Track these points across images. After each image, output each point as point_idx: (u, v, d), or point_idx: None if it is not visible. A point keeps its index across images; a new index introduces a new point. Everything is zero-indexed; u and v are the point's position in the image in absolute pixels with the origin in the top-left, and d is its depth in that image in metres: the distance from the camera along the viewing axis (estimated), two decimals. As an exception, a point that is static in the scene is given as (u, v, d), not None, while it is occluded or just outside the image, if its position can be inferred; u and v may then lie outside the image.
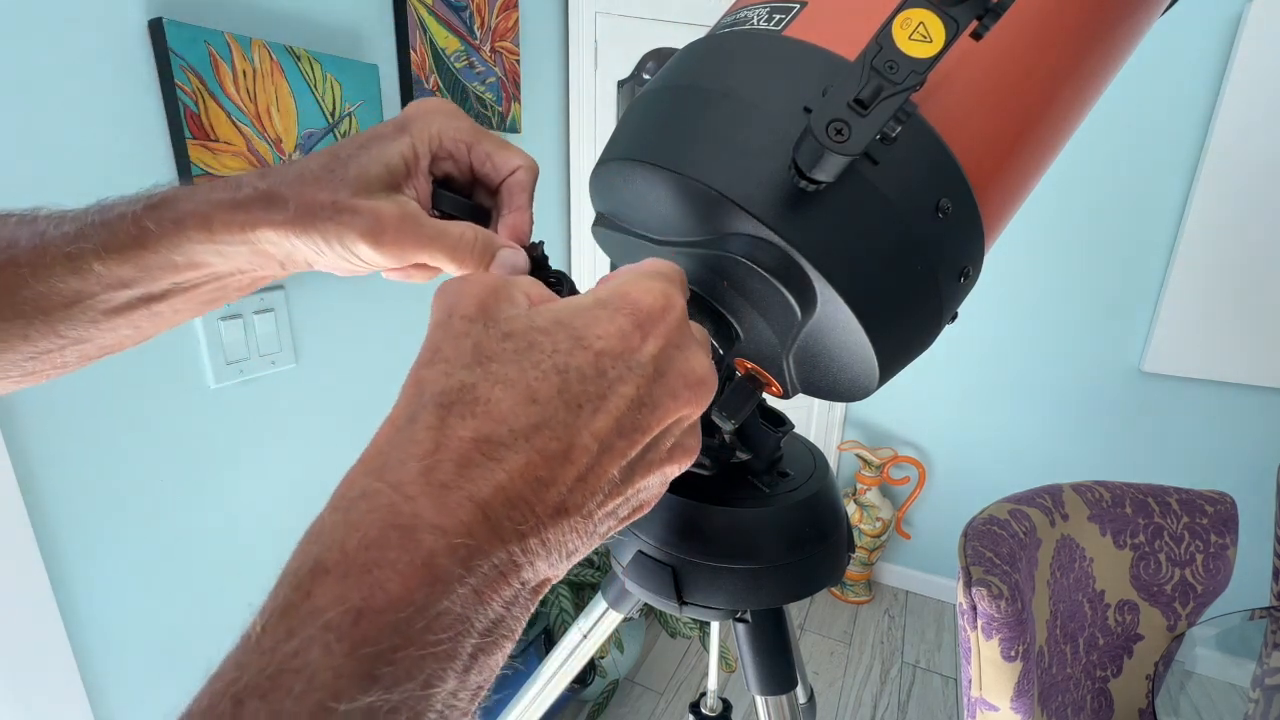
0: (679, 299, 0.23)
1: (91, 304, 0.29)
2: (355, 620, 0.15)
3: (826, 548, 0.40)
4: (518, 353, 0.19)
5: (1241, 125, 1.50)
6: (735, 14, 0.33)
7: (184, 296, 0.30)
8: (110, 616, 0.83)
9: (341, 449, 1.11)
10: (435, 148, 0.30)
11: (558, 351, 0.20)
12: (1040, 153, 0.33)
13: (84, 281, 0.28)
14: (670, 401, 0.21)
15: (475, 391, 0.19)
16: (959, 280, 0.30)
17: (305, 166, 0.29)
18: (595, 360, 0.20)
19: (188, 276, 0.29)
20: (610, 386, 0.20)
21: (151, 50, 0.76)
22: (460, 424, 0.18)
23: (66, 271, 0.28)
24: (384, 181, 0.29)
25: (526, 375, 0.19)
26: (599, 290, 0.22)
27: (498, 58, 1.28)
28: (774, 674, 0.43)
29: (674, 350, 0.22)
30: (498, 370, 0.19)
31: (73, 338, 0.30)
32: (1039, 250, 1.80)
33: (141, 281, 0.29)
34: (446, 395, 0.19)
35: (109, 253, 0.28)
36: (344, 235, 0.28)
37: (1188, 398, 1.74)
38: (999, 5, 0.22)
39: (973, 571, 0.88)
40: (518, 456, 0.18)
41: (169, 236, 0.28)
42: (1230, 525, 1.14)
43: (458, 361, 0.19)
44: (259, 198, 0.28)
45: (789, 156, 0.25)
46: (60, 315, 0.29)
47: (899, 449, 2.12)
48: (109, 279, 0.28)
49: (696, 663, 1.89)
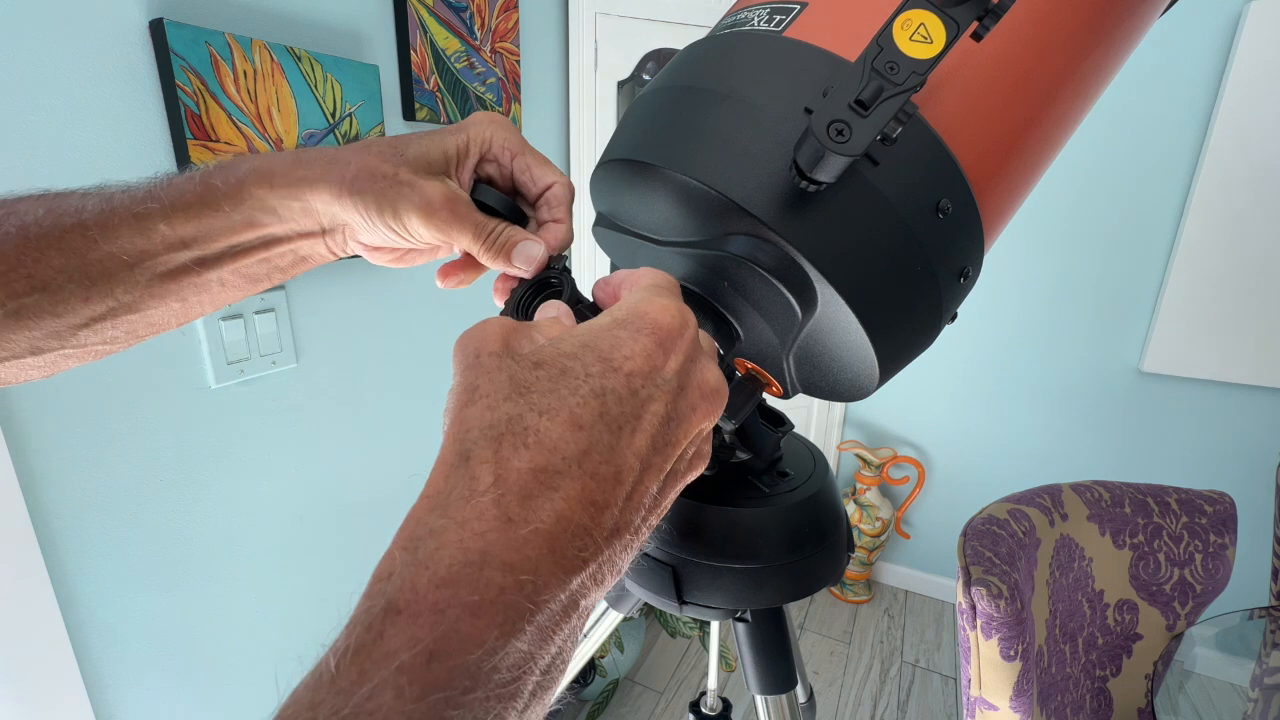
0: (691, 315, 0.24)
1: (151, 265, 0.31)
2: (428, 661, 0.15)
3: (826, 547, 0.40)
4: (552, 379, 0.20)
5: (1241, 125, 1.50)
6: (736, 15, 0.33)
7: (233, 266, 0.32)
8: (111, 616, 0.83)
9: (342, 449, 1.11)
10: (485, 149, 0.33)
11: (591, 375, 0.20)
12: (1040, 153, 0.33)
13: (148, 240, 0.30)
14: (692, 414, 0.22)
15: (523, 422, 0.19)
16: (959, 280, 0.31)
17: (369, 142, 0.31)
18: (627, 381, 0.20)
19: (243, 238, 0.31)
20: (643, 405, 0.20)
21: (152, 51, 0.76)
22: (514, 455, 0.18)
23: (133, 231, 0.30)
24: (438, 166, 0.31)
25: (568, 402, 0.19)
26: (615, 311, 0.23)
27: (498, 58, 1.28)
28: (774, 673, 0.43)
29: (691, 365, 0.23)
30: (538, 400, 0.19)
31: (126, 302, 0.31)
32: (1039, 250, 1.80)
33: (200, 242, 0.31)
34: (495, 428, 0.19)
35: (174, 211, 0.30)
36: (399, 204, 0.30)
37: (1187, 398, 1.74)
38: (999, 6, 0.22)
39: (972, 571, 0.88)
40: (574, 483, 0.18)
41: (232, 194, 0.30)
42: (1229, 525, 1.14)
43: (498, 395, 0.19)
44: (322, 158, 0.30)
45: (790, 157, 0.25)
46: (121, 277, 0.30)
47: (898, 449, 2.12)
48: (171, 238, 0.30)
49: (696, 662, 1.89)
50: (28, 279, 0.29)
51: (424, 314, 1.23)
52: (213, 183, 0.30)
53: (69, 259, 0.30)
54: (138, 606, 0.85)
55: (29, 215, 0.30)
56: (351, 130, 0.99)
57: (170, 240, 0.30)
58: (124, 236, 0.30)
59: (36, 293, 0.29)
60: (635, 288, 0.25)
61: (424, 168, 0.31)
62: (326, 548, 1.13)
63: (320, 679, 0.15)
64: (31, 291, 0.29)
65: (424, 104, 1.12)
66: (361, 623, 0.16)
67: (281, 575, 1.05)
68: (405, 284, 1.17)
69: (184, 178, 0.31)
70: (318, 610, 1.13)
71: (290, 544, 1.05)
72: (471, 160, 0.33)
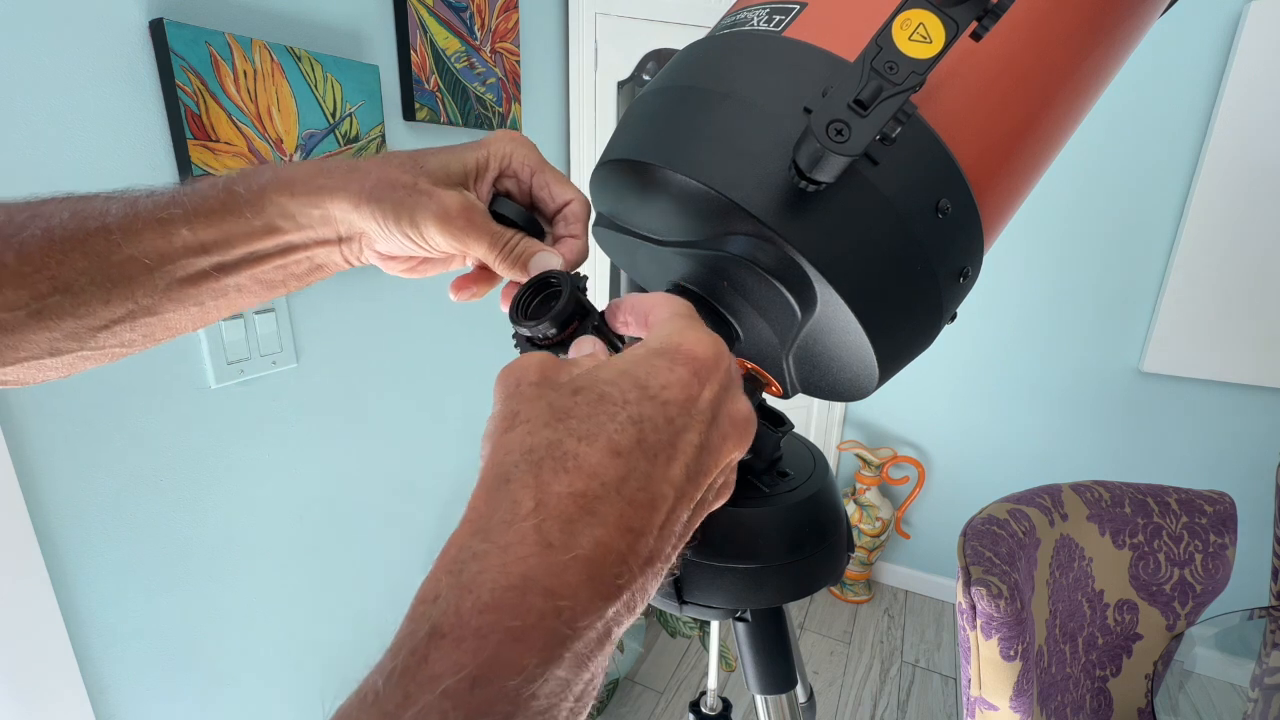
0: (725, 346, 0.24)
1: (171, 269, 0.31)
2: (471, 687, 0.15)
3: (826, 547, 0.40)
4: (591, 405, 0.20)
5: (1241, 125, 1.50)
6: (735, 15, 0.33)
7: (251, 271, 0.33)
8: (111, 616, 0.83)
9: (342, 449, 1.11)
10: (505, 165, 0.34)
11: (628, 402, 0.20)
12: (1040, 153, 0.33)
13: (170, 244, 0.31)
14: (724, 444, 0.23)
15: (563, 447, 0.19)
16: (958, 280, 0.31)
17: (389, 155, 0.32)
18: (663, 409, 0.21)
19: (262, 245, 0.32)
20: (678, 434, 0.21)
21: (152, 51, 0.76)
22: (555, 480, 0.18)
23: (155, 235, 0.31)
24: (457, 178, 0.32)
25: (606, 428, 0.19)
26: (651, 341, 0.23)
27: (498, 58, 1.28)
28: (774, 673, 0.43)
29: (725, 395, 0.23)
30: (576, 426, 0.20)
31: (145, 305, 0.32)
32: (1038, 250, 1.80)
33: (220, 247, 0.32)
34: (535, 453, 0.19)
35: (196, 216, 0.31)
36: (417, 212, 0.31)
37: (1187, 398, 1.74)
38: (998, 6, 0.22)
39: (972, 571, 0.88)
40: (612, 509, 0.18)
41: (254, 200, 0.31)
42: (1229, 525, 1.14)
43: (538, 421, 0.20)
44: (343, 168, 0.31)
45: (789, 157, 0.25)
46: (142, 280, 0.31)
47: (898, 449, 2.12)
48: (192, 243, 0.31)
49: (696, 662, 1.89)
50: (51, 280, 0.30)
51: (424, 315, 1.23)
52: (235, 189, 0.31)
53: (92, 261, 0.30)
54: (138, 607, 0.85)
55: (54, 218, 0.30)
56: (351, 130, 0.99)
57: (191, 245, 0.31)
58: (146, 240, 0.31)
59: (59, 294, 0.30)
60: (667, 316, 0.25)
61: (443, 179, 0.32)
62: (326, 548, 1.13)
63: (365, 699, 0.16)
64: (54, 293, 0.30)
65: (424, 104, 1.12)
66: (407, 645, 0.16)
67: (281, 575, 1.05)
68: (406, 285, 1.17)
69: (206, 184, 0.32)
70: (318, 610, 1.13)
71: (290, 544, 1.05)
72: (490, 175, 0.34)
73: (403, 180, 0.31)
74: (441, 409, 1.34)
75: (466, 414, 1.41)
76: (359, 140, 1.00)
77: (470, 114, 1.23)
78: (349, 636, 1.21)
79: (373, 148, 1.03)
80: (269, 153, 0.87)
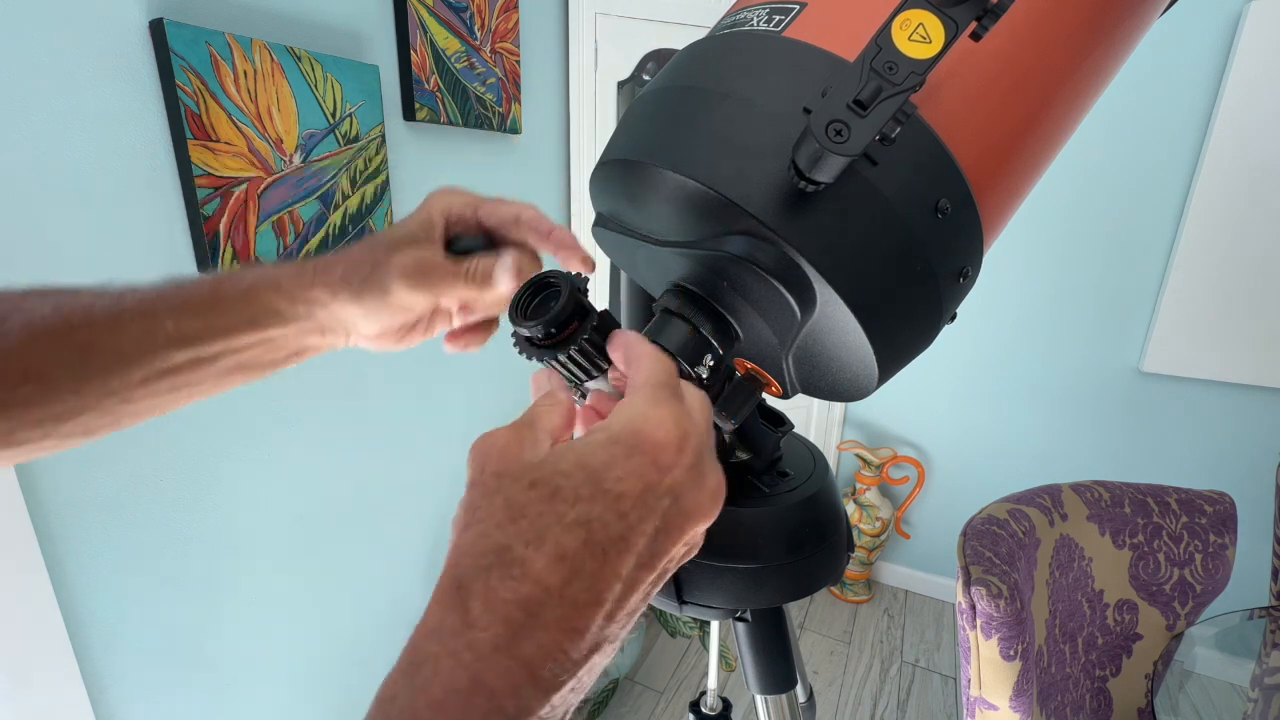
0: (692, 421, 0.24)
1: (150, 361, 0.33)
2: None
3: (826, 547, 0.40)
4: (543, 500, 0.21)
5: (1241, 125, 1.50)
6: (735, 15, 0.33)
7: (227, 361, 0.35)
8: (111, 616, 0.83)
9: (342, 449, 1.11)
10: (448, 215, 0.36)
11: (579, 499, 0.21)
12: (1039, 153, 0.33)
13: (152, 338, 0.32)
14: (687, 521, 0.23)
15: (511, 553, 0.20)
16: (958, 280, 0.31)
17: (349, 249, 0.36)
18: (615, 504, 0.21)
19: (243, 339, 0.34)
20: (631, 528, 0.21)
21: (152, 51, 0.76)
22: (501, 586, 0.20)
23: (139, 329, 0.32)
24: (409, 241, 0.35)
25: (553, 531, 0.20)
26: (613, 422, 0.23)
27: (498, 58, 1.28)
28: (774, 673, 0.43)
29: (690, 474, 0.23)
30: (526, 528, 0.20)
31: (119, 395, 0.33)
32: (1038, 250, 1.80)
33: (202, 339, 0.33)
34: (485, 558, 0.20)
35: (182, 312, 0.33)
36: (383, 280, 0.34)
37: (1187, 397, 1.74)
38: (998, 6, 0.22)
39: (972, 571, 0.88)
40: (555, 611, 0.20)
41: (241, 298, 0.34)
42: (1229, 525, 1.14)
43: (491, 521, 0.21)
44: (319, 267, 0.35)
45: (789, 157, 0.25)
46: (118, 371, 0.32)
47: (898, 449, 2.12)
48: (175, 335, 0.33)
49: (696, 662, 1.90)
50: (23, 371, 0.30)
51: (424, 314, 1.23)
52: (222, 287, 0.34)
53: (71, 353, 0.31)
54: (138, 606, 0.86)
55: (35, 312, 0.31)
56: (351, 130, 0.99)
57: (174, 337, 0.33)
58: (130, 332, 0.32)
59: (30, 384, 0.30)
60: (640, 383, 0.25)
61: (396, 248, 0.34)
62: (326, 548, 1.13)
63: None
64: (25, 382, 0.30)
65: (424, 104, 1.12)
66: None
67: (281, 575, 1.05)
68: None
69: (193, 283, 0.34)
70: (317, 610, 1.13)
71: (290, 543, 1.05)
72: (439, 228, 0.36)
73: (363, 259, 0.34)
74: (442, 408, 1.34)
75: (467, 413, 1.41)
76: (359, 140, 1.00)
77: (470, 114, 1.24)
78: (348, 636, 1.21)
79: (373, 148, 1.03)
80: (269, 152, 0.87)
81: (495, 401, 1.49)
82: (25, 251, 0.70)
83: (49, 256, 0.72)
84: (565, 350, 0.29)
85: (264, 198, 0.88)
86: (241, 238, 0.86)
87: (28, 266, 0.70)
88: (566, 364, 0.30)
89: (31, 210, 0.70)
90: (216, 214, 0.83)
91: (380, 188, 1.06)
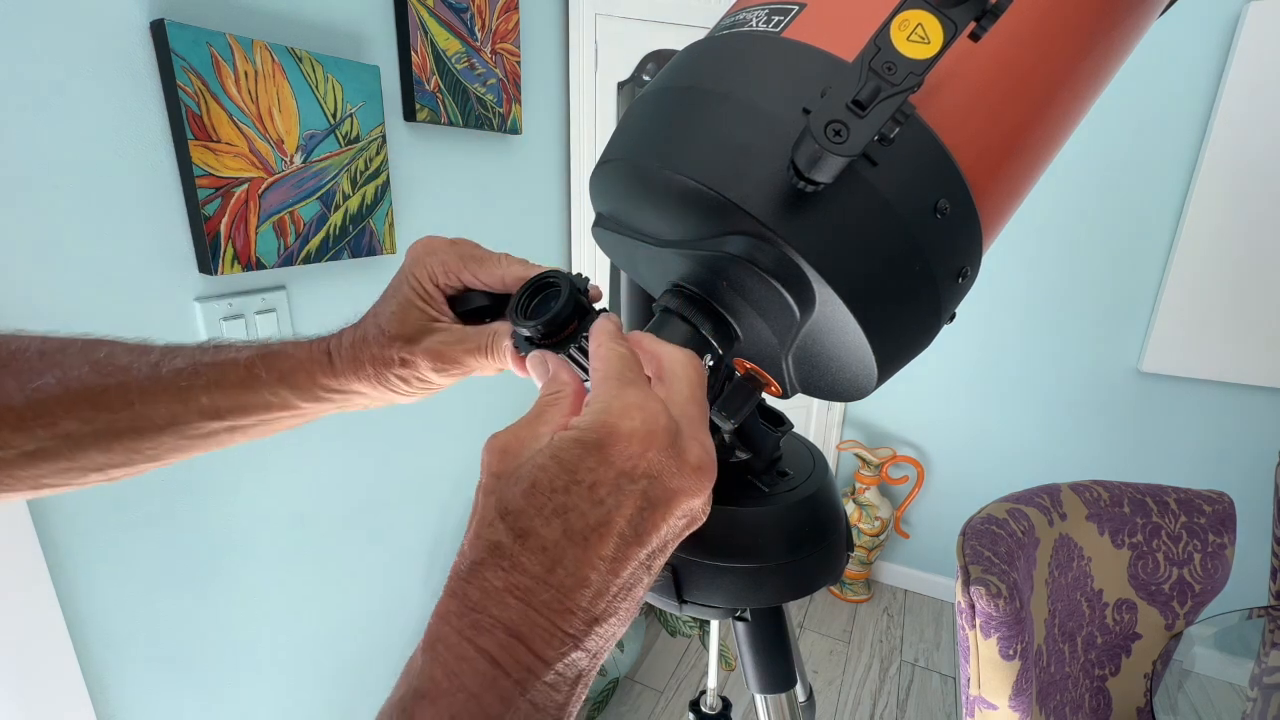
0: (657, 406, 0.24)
1: (185, 429, 0.34)
2: None
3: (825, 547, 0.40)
4: (525, 496, 0.23)
5: (1240, 125, 1.51)
6: (735, 15, 0.33)
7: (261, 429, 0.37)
8: (112, 617, 0.83)
9: (342, 450, 1.11)
10: (438, 281, 0.37)
11: (555, 491, 0.22)
12: (1038, 153, 0.33)
13: (186, 410, 0.34)
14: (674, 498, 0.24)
15: (500, 549, 0.22)
16: (957, 280, 0.31)
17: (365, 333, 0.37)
18: (590, 493, 0.22)
19: (280, 415, 0.36)
20: (610, 512, 0.22)
21: (153, 51, 0.76)
22: (494, 576, 0.22)
23: (173, 400, 0.33)
24: (422, 325, 0.36)
25: (535, 524, 0.22)
26: (581, 420, 0.24)
27: (498, 59, 1.28)
28: (773, 672, 0.44)
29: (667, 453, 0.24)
30: (513, 523, 0.22)
31: (148, 455, 0.34)
32: (1037, 250, 1.80)
33: (236, 414, 0.35)
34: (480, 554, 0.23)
35: (218, 389, 0.34)
36: (414, 373, 0.36)
37: (1186, 397, 1.74)
38: (997, 6, 0.23)
39: (971, 570, 0.89)
40: (544, 595, 0.22)
41: (274, 384, 0.35)
42: (1228, 524, 1.14)
43: (485, 521, 0.23)
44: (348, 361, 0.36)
45: (788, 158, 0.25)
46: (150, 436, 0.33)
47: (898, 448, 2.12)
48: (210, 410, 0.34)
49: (696, 661, 1.90)
50: (52, 427, 0.31)
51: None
52: (256, 371, 0.35)
53: (103, 414, 0.32)
54: (139, 608, 0.86)
55: (72, 369, 0.32)
56: (352, 131, 0.99)
57: (208, 410, 0.34)
58: (163, 404, 0.33)
59: (58, 440, 0.31)
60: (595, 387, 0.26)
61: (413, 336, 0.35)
62: (327, 549, 1.13)
63: None
64: (54, 439, 0.31)
65: (425, 105, 1.12)
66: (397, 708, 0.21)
67: (281, 576, 1.05)
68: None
69: (228, 359, 0.35)
70: (317, 611, 1.13)
71: (290, 545, 1.05)
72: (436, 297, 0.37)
73: (389, 357, 0.35)
74: (442, 409, 1.34)
75: (467, 413, 1.41)
76: (359, 141, 1.00)
77: (470, 115, 1.24)
78: (348, 637, 1.21)
79: (373, 148, 1.03)
80: (270, 153, 0.87)
81: (495, 401, 1.49)
82: (26, 252, 0.70)
83: (49, 257, 0.72)
84: (565, 350, 0.30)
85: (264, 198, 0.88)
86: (242, 238, 0.86)
87: (28, 267, 0.70)
88: None
89: (32, 210, 0.70)
90: (217, 214, 0.83)
91: (381, 188, 1.06)
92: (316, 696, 1.16)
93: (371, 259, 1.10)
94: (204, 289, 0.86)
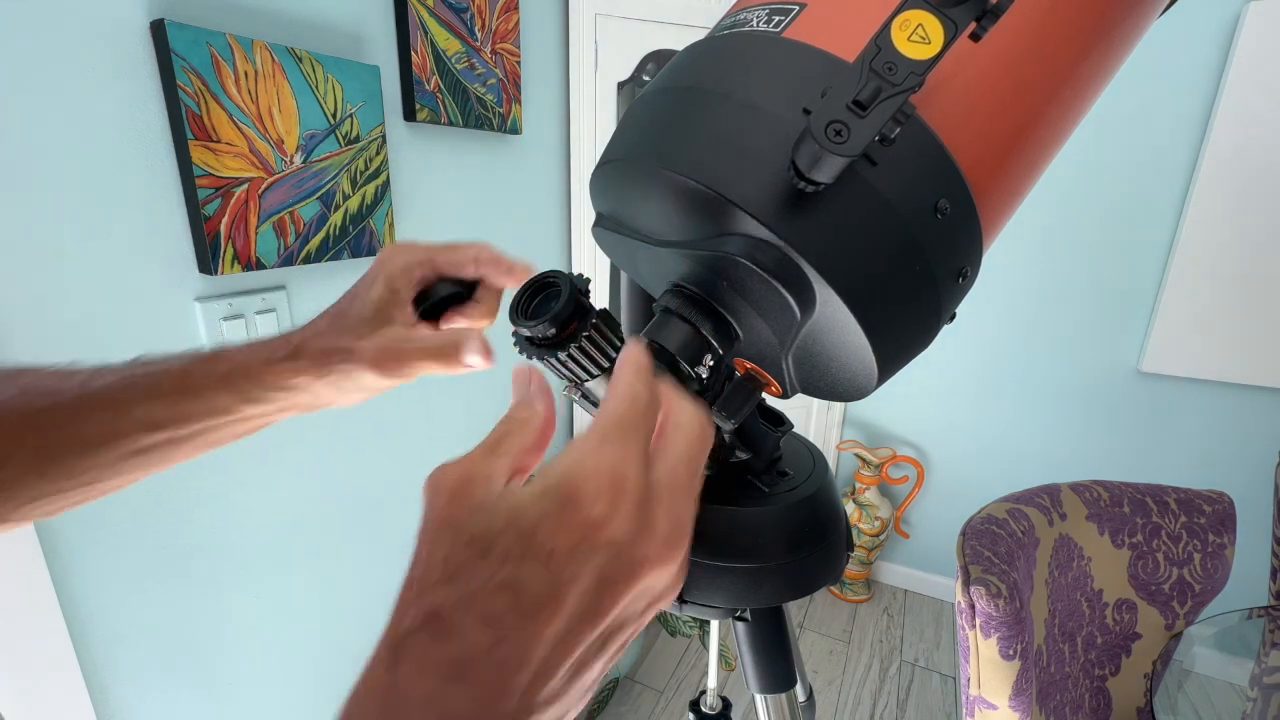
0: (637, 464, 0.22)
1: (122, 444, 0.33)
2: None
3: (825, 547, 0.40)
4: (476, 559, 0.21)
5: (1240, 125, 1.51)
6: (735, 16, 0.33)
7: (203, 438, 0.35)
8: (112, 616, 0.83)
9: (341, 450, 1.11)
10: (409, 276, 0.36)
11: (509, 559, 0.20)
12: (1038, 153, 0.33)
13: (121, 423, 0.32)
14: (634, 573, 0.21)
15: (441, 617, 0.20)
16: (957, 280, 0.31)
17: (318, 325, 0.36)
18: (547, 562, 0.20)
19: (219, 420, 0.35)
20: (562, 586, 0.20)
21: (153, 51, 0.76)
22: (434, 646, 0.20)
23: (106, 416, 0.32)
24: (377, 320, 0.35)
25: (483, 594, 0.20)
26: (551, 470, 0.22)
27: (498, 59, 1.28)
28: (773, 672, 0.44)
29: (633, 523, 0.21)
30: (461, 588, 0.20)
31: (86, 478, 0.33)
32: (1037, 250, 1.80)
33: (175, 423, 0.33)
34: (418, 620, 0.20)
35: (152, 399, 0.33)
36: (352, 371, 0.35)
37: (1186, 397, 1.75)
38: (997, 7, 0.23)
39: (971, 570, 0.89)
40: (484, 673, 0.20)
41: (214, 386, 0.34)
42: (1228, 524, 1.14)
43: (429, 580, 0.21)
44: (289, 354, 0.35)
45: (788, 158, 0.25)
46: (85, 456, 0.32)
47: (898, 448, 2.12)
48: (146, 421, 0.33)
49: (696, 661, 1.90)
50: None
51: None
52: (192, 376, 0.33)
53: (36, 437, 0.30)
54: (139, 607, 0.86)
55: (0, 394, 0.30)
56: (352, 131, 0.99)
57: (146, 423, 0.33)
58: (96, 419, 0.31)
59: None
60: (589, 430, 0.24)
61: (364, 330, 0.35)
62: (325, 549, 1.13)
63: None
64: None
65: (425, 105, 1.12)
66: None
67: (281, 576, 1.05)
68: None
69: (160, 368, 0.33)
70: (317, 611, 1.13)
71: (289, 545, 1.05)
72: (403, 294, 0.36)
73: (334, 348, 0.34)
74: (441, 410, 1.34)
75: (467, 414, 1.41)
76: (359, 141, 1.00)
77: (470, 115, 1.24)
78: (349, 637, 1.21)
79: (373, 148, 1.03)
80: (270, 153, 0.87)
81: (494, 401, 1.49)
82: (26, 252, 0.70)
83: (49, 257, 0.72)
84: (565, 350, 0.29)
85: (265, 198, 0.88)
86: (242, 238, 0.86)
87: (28, 267, 0.70)
88: (566, 363, 0.30)
89: (32, 211, 0.70)
90: (217, 214, 0.83)
91: (381, 188, 1.06)
92: (316, 696, 1.16)
93: (372, 259, 1.10)
94: (204, 289, 0.86)
